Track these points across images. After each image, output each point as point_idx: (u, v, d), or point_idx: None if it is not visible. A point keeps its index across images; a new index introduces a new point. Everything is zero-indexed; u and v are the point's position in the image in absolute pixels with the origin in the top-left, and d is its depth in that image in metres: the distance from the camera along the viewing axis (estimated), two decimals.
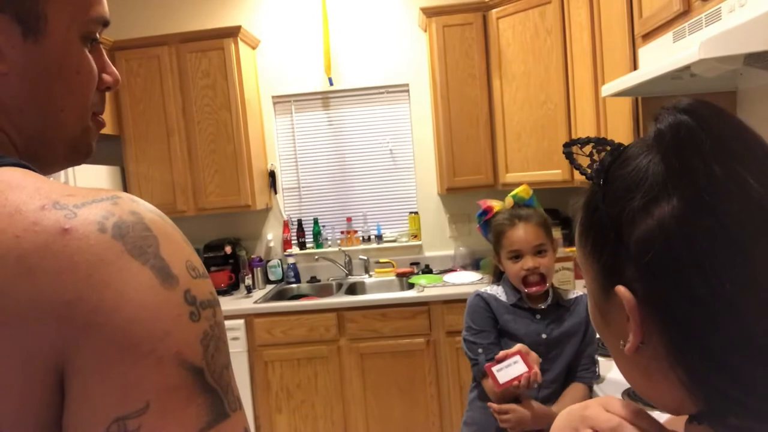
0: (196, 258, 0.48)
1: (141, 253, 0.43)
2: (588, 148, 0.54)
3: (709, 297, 0.44)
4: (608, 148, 0.53)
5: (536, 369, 1.43)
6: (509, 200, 1.69)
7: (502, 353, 1.46)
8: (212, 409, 0.43)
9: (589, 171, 0.53)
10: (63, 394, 0.42)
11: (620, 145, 0.53)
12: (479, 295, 1.70)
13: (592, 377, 1.64)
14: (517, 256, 1.62)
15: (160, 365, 0.41)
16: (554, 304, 1.65)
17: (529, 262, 1.59)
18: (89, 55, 0.57)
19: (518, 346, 1.47)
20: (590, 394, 1.63)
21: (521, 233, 1.60)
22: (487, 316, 1.66)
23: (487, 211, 1.70)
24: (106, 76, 0.60)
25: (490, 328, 1.64)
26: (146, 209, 0.47)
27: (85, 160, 0.63)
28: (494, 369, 1.42)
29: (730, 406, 0.46)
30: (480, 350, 1.61)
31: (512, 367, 1.42)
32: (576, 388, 1.63)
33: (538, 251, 1.60)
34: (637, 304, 0.48)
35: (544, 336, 1.62)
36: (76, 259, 0.41)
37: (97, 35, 0.58)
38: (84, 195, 0.45)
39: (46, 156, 0.57)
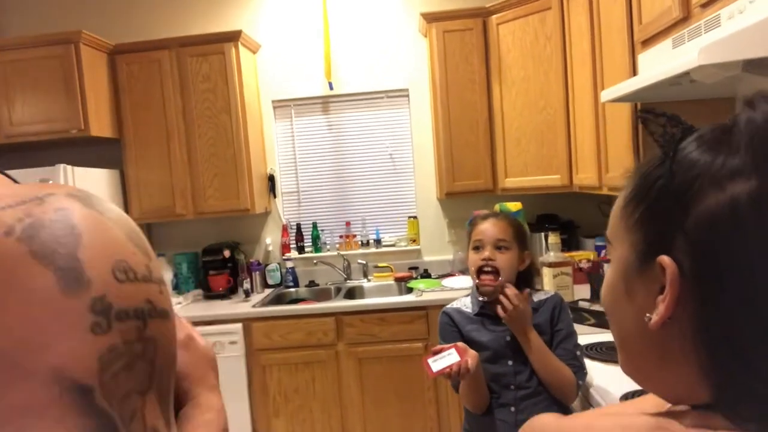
0: (139, 259, 0.42)
1: (47, 255, 0.38)
2: (661, 119, 0.53)
3: (760, 286, 0.44)
4: (681, 126, 0.53)
5: (468, 359, 1.48)
6: (497, 207, 1.80)
7: (438, 347, 1.53)
8: None
9: (660, 139, 0.52)
10: None
11: (692, 125, 0.53)
12: (444, 312, 1.77)
13: (578, 372, 1.62)
14: (478, 246, 1.67)
15: (26, 381, 0.35)
16: None
17: (486, 252, 1.64)
18: None
19: (456, 343, 1.53)
20: (577, 388, 1.62)
21: (487, 225, 1.68)
22: (451, 331, 1.73)
23: (476, 217, 1.77)
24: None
25: (452, 340, 1.66)
26: (84, 205, 0.42)
27: None
28: (429, 360, 1.52)
29: (743, 396, 0.46)
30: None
31: (446, 358, 1.51)
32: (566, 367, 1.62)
33: (499, 246, 1.65)
34: (679, 278, 0.47)
35: (508, 338, 1.65)
36: None
37: None
38: (13, 196, 0.40)
39: None
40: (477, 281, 1.66)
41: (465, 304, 1.76)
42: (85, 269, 0.38)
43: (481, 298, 1.68)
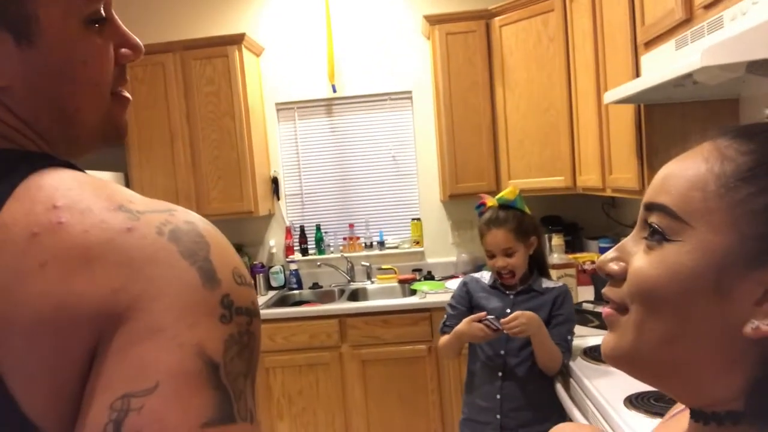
0: (243, 268, 0.51)
1: (191, 255, 0.46)
2: None
3: None
4: None
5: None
6: (493, 202, 1.95)
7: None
8: (220, 408, 0.43)
9: None
10: None
11: None
12: (463, 281, 2.08)
13: (564, 352, 1.88)
14: (491, 256, 1.93)
15: (179, 350, 0.43)
16: (527, 288, 1.95)
17: (498, 261, 1.91)
18: (98, 39, 0.54)
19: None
20: (560, 365, 1.88)
21: (492, 239, 1.90)
22: (460, 296, 2.04)
23: (482, 205, 1.98)
24: (125, 51, 0.57)
25: (460, 306, 2.02)
26: (200, 220, 0.51)
27: (123, 140, 0.65)
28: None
29: None
30: (446, 315, 2.03)
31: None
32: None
33: (507, 254, 1.89)
34: None
35: (508, 310, 1.88)
36: (132, 255, 0.45)
37: (102, 12, 0.54)
38: (145, 204, 0.50)
39: (76, 151, 0.58)
40: (500, 280, 1.96)
41: (484, 275, 2.06)
42: (217, 271, 0.47)
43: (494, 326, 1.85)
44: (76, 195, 0.47)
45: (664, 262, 0.48)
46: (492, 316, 1.81)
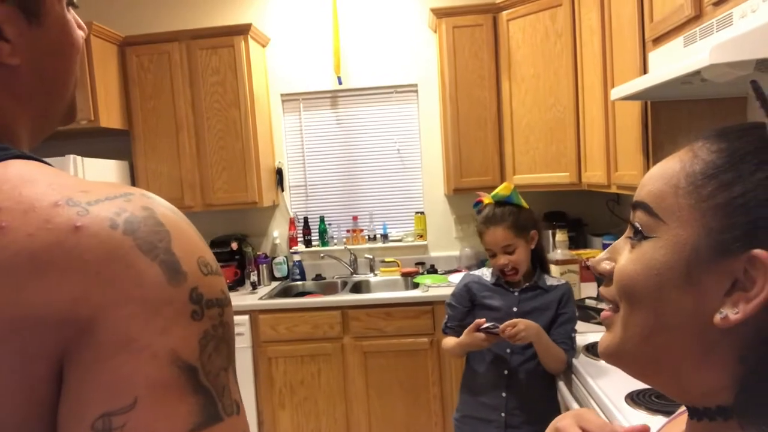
0: (209, 254, 0.47)
1: (151, 248, 0.43)
2: None
3: None
4: None
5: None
6: (489, 199, 1.93)
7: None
8: (204, 411, 0.42)
9: None
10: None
11: None
12: (465, 283, 2.03)
13: (569, 350, 1.88)
14: (492, 254, 1.91)
15: (153, 361, 0.40)
16: (532, 285, 1.93)
17: (500, 260, 1.89)
18: (73, 20, 0.56)
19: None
20: (565, 365, 1.89)
21: (491, 237, 1.88)
22: (460, 296, 2.01)
23: (479, 203, 1.98)
24: (80, 32, 0.58)
25: (460, 306, 2.00)
26: (159, 204, 0.46)
27: (73, 121, 0.62)
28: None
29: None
30: (447, 315, 2.02)
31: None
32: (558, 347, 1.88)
33: (508, 251, 1.87)
34: None
35: (515, 309, 1.90)
36: (85, 257, 0.41)
37: None
38: (98, 191, 0.45)
39: (46, 129, 0.58)
40: (504, 278, 1.94)
41: (485, 273, 2.02)
42: (181, 263, 0.44)
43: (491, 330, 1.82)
44: (18, 194, 0.43)
45: (641, 258, 0.50)
46: (491, 323, 1.79)
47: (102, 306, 0.40)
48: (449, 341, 1.95)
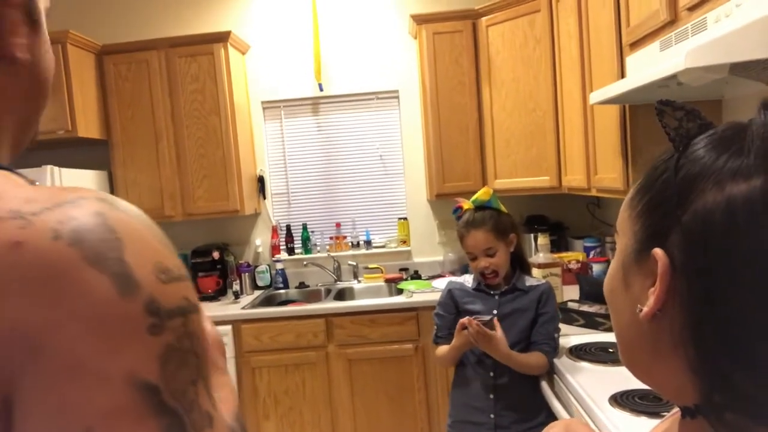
0: (170, 259, 0.44)
1: (100, 259, 0.39)
2: (679, 113, 0.53)
3: (751, 286, 0.44)
4: (698, 121, 0.52)
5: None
6: (469, 204, 1.96)
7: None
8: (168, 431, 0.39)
9: (672, 133, 0.52)
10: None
11: (711, 122, 0.52)
12: (449, 289, 2.06)
13: (550, 351, 1.91)
14: (473, 258, 1.94)
15: (106, 385, 0.37)
16: (511, 288, 1.96)
17: (481, 263, 1.92)
18: None
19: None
20: (546, 368, 1.90)
21: (472, 241, 1.91)
22: (446, 304, 2.03)
23: (459, 208, 2.00)
24: None
25: (447, 313, 2.02)
26: (115, 207, 0.43)
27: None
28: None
29: (731, 400, 0.46)
30: (436, 326, 2.04)
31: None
32: (536, 354, 1.90)
33: (489, 254, 1.91)
34: (670, 271, 0.48)
35: (495, 311, 1.91)
36: (27, 275, 0.37)
37: None
38: (46, 199, 0.41)
39: (24, 141, 0.57)
40: (484, 281, 1.97)
41: (467, 280, 2.05)
42: (134, 273, 0.40)
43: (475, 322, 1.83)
44: None
45: (609, 270, 0.58)
46: (484, 317, 1.82)
47: (46, 328, 0.37)
48: (442, 350, 1.97)
